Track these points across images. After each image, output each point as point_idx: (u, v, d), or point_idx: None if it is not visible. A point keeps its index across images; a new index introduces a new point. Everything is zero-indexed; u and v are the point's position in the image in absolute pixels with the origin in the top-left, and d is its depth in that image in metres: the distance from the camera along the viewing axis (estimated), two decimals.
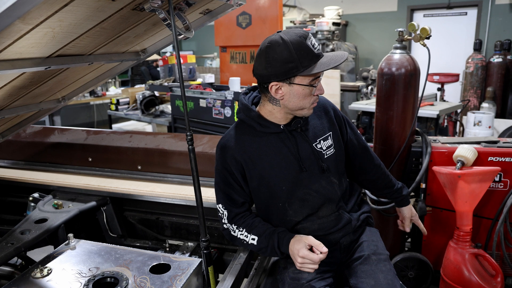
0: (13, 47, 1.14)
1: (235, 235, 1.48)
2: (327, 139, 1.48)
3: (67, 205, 2.07)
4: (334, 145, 1.49)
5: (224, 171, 1.46)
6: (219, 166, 1.47)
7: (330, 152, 1.48)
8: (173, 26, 1.31)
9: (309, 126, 1.46)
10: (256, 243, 1.43)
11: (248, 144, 1.43)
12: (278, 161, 1.42)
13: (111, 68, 1.94)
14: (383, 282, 1.37)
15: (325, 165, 1.45)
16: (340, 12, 7.56)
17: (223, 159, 1.45)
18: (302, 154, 1.43)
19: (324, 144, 1.47)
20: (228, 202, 1.48)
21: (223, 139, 1.47)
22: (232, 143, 1.44)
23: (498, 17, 6.73)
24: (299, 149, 1.42)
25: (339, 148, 1.52)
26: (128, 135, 2.45)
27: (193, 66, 5.71)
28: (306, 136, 1.44)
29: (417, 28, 2.32)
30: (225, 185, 1.48)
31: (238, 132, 1.46)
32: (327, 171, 1.45)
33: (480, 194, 2.09)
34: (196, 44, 11.07)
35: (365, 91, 5.53)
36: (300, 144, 1.43)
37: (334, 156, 1.49)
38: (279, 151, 1.42)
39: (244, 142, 1.44)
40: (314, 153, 1.44)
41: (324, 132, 1.48)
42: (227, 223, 1.50)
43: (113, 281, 1.29)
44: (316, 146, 1.45)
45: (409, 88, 2.34)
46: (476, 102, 5.96)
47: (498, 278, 2.07)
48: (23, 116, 2.03)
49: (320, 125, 1.48)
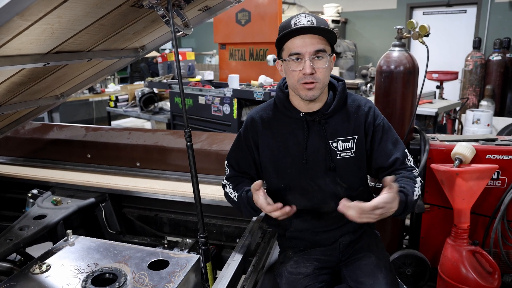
0: (12, 43, 1.13)
1: (226, 191, 1.57)
2: (348, 141, 1.42)
3: (66, 201, 2.07)
4: (355, 150, 1.42)
5: (242, 136, 1.54)
6: (241, 130, 1.56)
7: (346, 154, 1.42)
8: (172, 23, 1.31)
9: (332, 122, 1.42)
10: (236, 200, 1.50)
11: (270, 121, 1.48)
12: (290, 145, 1.43)
13: (110, 64, 1.94)
14: (383, 282, 1.36)
15: (333, 164, 1.41)
16: (339, 9, 7.56)
17: (246, 126, 1.53)
18: (310, 147, 1.41)
19: (342, 145, 1.41)
20: (233, 163, 1.58)
21: (255, 109, 1.55)
22: (258, 116, 1.50)
23: (498, 15, 6.73)
24: (309, 141, 1.41)
25: (360, 155, 1.44)
26: (127, 132, 2.45)
27: (192, 63, 5.69)
28: (323, 130, 1.41)
29: (416, 25, 2.32)
30: (237, 148, 1.57)
31: (268, 108, 1.51)
32: (332, 170, 1.41)
33: (477, 192, 2.09)
34: (195, 41, 11.05)
35: (364, 88, 5.53)
36: (312, 136, 1.41)
37: (350, 160, 1.42)
38: (293, 136, 1.43)
39: (269, 117, 1.48)
40: (326, 150, 1.41)
41: (347, 133, 1.42)
42: (225, 179, 1.60)
43: (112, 277, 1.30)
44: (332, 144, 1.41)
45: (407, 86, 2.35)
46: (475, 100, 5.96)
47: (495, 275, 2.08)
48: (22, 112, 2.03)
49: (346, 125, 1.42)
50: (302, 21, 1.30)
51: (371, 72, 5.98)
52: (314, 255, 1.48)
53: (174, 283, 1.25)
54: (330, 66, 1.36)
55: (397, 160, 1.44)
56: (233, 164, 1.58)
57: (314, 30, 1.29)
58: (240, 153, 1.55)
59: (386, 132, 1.45)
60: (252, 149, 1.52)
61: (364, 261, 1.44)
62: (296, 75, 1.33)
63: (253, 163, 1.54)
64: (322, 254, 1.48)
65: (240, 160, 1.56)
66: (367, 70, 6.07)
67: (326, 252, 1.49)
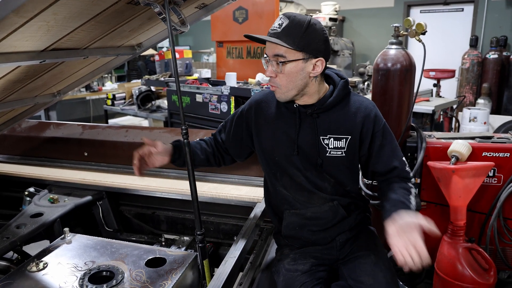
0: (8, 41, 1.13)
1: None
2: (340, 140, 1.41)
3: (63, 199, 2.07)
4: (346, 150, 1.42)
5: (237, 113, 1.61)
6: (243, 108, 1.61)
7: (336, 153, 1.41)
8: (168, 20, 1.30)
9: (326, 118, 1.42)
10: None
11: (268, 107, 1.51)
12: (280, 133, 1.46)
13: (107, 62, 1.93)
14: (383, 281, 1.36)
15: (320, 160, 1.41)
16: (337, 7, 7.55)
17: (245, 106, 1.59)
18: (301, 139, 1.42)
19: (334, 142, 1.41)
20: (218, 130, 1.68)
21: (259, 93, 1.60)
22: (259, 100, 1.55)
23: (494, 14, 6.74)
24: (300, 133, 1.42)
25: (351, 156, 1.44)
26: (124, 130, 2.45)
27: (189, 61, 5.68)
28: (315, 124, 1.41)
29: (413, 23, 2.32)
30: (227, 121, 1.65)
31: (269, 94, 1.54)
32: (319, 166, 1.42)
33: (474, 189, 2.10)
34: (193, 39, 11.03)
35: (362, 86, 5.54)
36: (303, 128, 1.42)
37: (340, 159, 1.42)
38: (284, 125, 1.45)
39: (267, 103, 1.52)
40: (315, 145, 1.41)
41: (340, 132, 1.41)
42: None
43: (109, 275, 1.30)
44: (323, 140, 1.41)
45: (404, 84, 2.35)
46: (472, 98, 5.98)
47: (491, 272, 2.09)
48: (18, 110, 2.03)
49: (340, 123, 1.41)
50: (274, 24, 1.33)
51: (368, 70, 5.98)
52: (311, 253, 1.49)
53: (171, 281, 1.25)
54: (298, 72, 1.33)
55: (395, 168, 1.45)
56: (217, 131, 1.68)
57: (272, 34, 1.33)
58: (226, 124, 1.64)
59: (386, 138, 1.45)
60: (244, 129, 1.57)
61: (363, 259, 1.43)
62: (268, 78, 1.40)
63: (232, 142, 1.61)
64: (319, 252, 1.49)
65: (223, 131, 1.65)
66: (365, 68, 6.07)
67: (323, 251, 1.49)
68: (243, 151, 1.63)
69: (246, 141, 1.58)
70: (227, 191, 2.00)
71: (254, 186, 2.05)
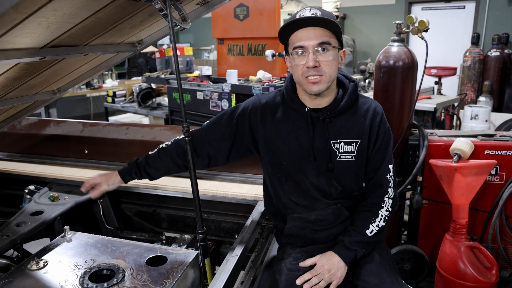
0: (7, 37, 1.12)
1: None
2: (350, 144, 1.39)
3: (63, 197, 2.06)
4: (355, 155, 1.39)
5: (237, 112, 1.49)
6: (233, 107, 1.52)
7: (346, 157, 1.39)
8: (169, 17, 1.29)
9: (337, 122, 1.39)
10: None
11: (275, 110, 1.44)
12: (290, 138, 1.41)
13: (107, 59, 1.92)
14: (388, 280, 1.35)
15: (331, 165, 1.38)
16: (338, 4, 7.53)
17: (248, 106, 1.48)
18: (316, 144, 1.39)
19: (344, 147, 1.38)
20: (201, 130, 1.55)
21: (264, 94, 1.51)
22: (264, 101, 1.47)
23: (496, 11, 6.71)
24: (315, 139, 1.38)
25: (360, 160, 1.41)
26: (124, 127, 2.44)
27: (190, 58, 5.66)
28: (326, 129, 1.38)
29: (415, 20, 2.31)
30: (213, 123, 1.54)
31: (276, 96, 1.48)
32: (330, 171, 1.40)
33: (476, 187, 2.09)
34: (194, 36, 11.00)
35: (363, 84, 5.52)
36: (317, 134, 1.39)
37: (349, 164, 1.40)
38: (294, 130, 1.40)
39: (274, 106, 1.45)
40: (327, 149, 1.38)
41: (350, 136, 1.39)
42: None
43: (110, 273, 1.29)
44: (333, 145, 1.38)
45: (406, 81, 2.34)
46: (473, 96, 5.97)
47: (493, 270, 2.09)
48: (18, 107, 2.02)
49: (350, 128, 1.39)
50: (306, 13, 1.28)
51: (369, 68, 5.96)
52: (314, 252, 1.47)
53: (172, 279, 1.24)
54: (336, 60, 1.32)
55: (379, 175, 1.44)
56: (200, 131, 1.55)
57: (316, 21, 1.26)
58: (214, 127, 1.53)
59: (384, 142, 1.43)
60: (247, 130, 1.48)
61: (367, 259, 1.42)
62: (300, 69, 1.31)
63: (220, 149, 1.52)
64: (321, 251, 1.47)
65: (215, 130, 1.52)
66: (366, 66, 6.05)
67: (325, 250, 1.48)
68: (235, 153, 1.54)
69: (245, 142, 1.51)
70: (228, 189, 1.99)
71: (256, 184, 2.05)
